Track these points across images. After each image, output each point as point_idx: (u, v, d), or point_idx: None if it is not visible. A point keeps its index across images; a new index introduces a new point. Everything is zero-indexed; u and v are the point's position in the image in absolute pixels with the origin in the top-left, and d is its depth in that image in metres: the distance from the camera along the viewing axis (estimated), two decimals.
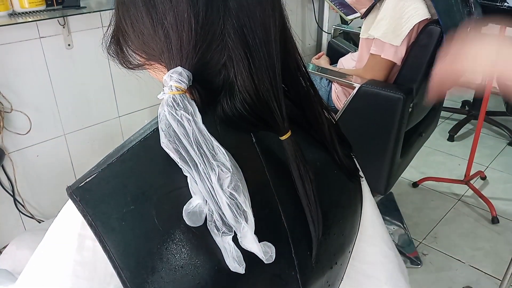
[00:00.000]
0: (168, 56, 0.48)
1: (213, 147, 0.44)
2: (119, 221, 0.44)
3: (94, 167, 0.47)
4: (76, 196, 0.44)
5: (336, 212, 0.59)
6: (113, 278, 0.45)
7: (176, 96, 0.44)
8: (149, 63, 0.52)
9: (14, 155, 1.74)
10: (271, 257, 0.48)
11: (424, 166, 2.59)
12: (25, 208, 1.82)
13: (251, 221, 0.45)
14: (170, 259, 0.45)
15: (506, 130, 2.93)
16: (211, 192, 0.44)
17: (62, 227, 0.47)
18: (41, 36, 1.69)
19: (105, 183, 0.45)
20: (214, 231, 0.45)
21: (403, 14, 1.52)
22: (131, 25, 0.50)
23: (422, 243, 2.03)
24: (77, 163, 1.95)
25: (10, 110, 1.66)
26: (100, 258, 0.44)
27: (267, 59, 0.48)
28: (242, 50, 0.46)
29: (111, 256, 0.44)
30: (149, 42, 0.49)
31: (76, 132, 1.92)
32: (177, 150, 0.44)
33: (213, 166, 0.44)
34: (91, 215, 0.44)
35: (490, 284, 1.81)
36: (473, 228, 2.13)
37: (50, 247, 0.48)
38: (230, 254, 0.45)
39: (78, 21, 1.76)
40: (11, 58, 1.63)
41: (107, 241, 0.44)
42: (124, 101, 2.04)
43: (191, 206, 0.45)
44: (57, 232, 0.48)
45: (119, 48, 0.54)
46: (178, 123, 0.44)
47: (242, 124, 0.49)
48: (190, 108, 0.45)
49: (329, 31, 2.93)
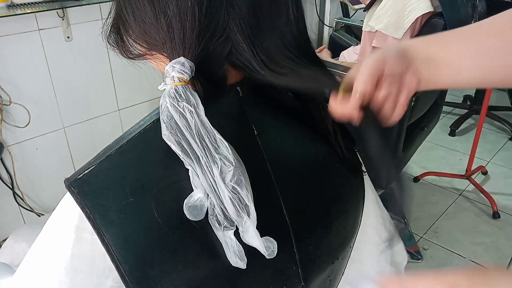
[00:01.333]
0: (170, 46, 0.46)
1: (216, 140, 0.44)
2: (118, 213, 0.43)
3: (92, 159, 0.46)
4: (74, 188, 0.44)
5: (338, 207, 0.59)
6: (112, 272, 0.44)
7: (178, 87, 0.43)
8: (150, 53, 0.51)
9: (13, 148, 1.74)
10: (273, 252, 0.47)
11: (425, 161, 2.58)
12: (24, 201, 1.81)
13: (253, 216, 0.44)
14: (170, 253, 0.45)
15: (507, 125, 2.92)
16: (213, 185, 0.43)
17: (60, 220, 0.47)
18: (40, 28, 1.68)
19: (104, 175, 0.44)
20: (216, 225, 0.44)
21: (406, 6, 1.51)
22: (132, 13, 0.49)
23: (423, 238, 2.03)
24: (77, 156, 1.94)
25: (9, 103, 1.65)
26: (98, 251, 0.44)
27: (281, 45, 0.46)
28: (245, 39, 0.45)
29: (110, 249, 0.43)
30: (151, 32, 0.48)
31: (75, 125, 1.91)
32: (179, 142, 0.43)
33: (215, 159, 0.43)
34: (89, 208, 0.43)
35: None
36: (474, 223, 2.13)
37: (48, 240, 0.47)
38: (231, 249, 0.45)
39: (78, 13, 1.74)
40: (10, 51, 1.62)
41: (106, 234, 0.43)
42: (123, 94, 2.03)
43: (192, 200, 0.44)
44: (55, 225, 0.47)
45: (119, 37, 0.53)
46: (180, 115, 0.43)
47: None
48: (193, 99, 0.44)
49: (331, 25, 2.91)
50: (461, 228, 2.10)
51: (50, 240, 0.47)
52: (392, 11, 1.53)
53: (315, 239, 0.55)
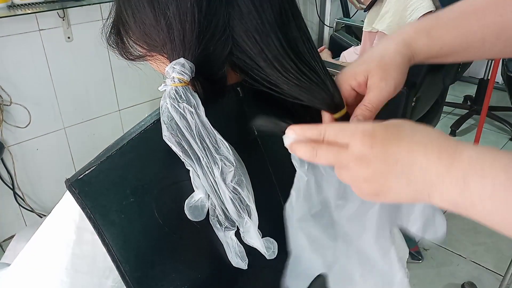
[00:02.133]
0: (170, 47, 0.46)
1: (216, 140, 0.44)
2: (119, 214, 0.43)
3: (93, 159, 0.46)
4: (75, 188, 0.44)
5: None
6: (112, 272, 0.44)
7: (178, 88, 0.43)
8: (151, 54, 0.51)
9: (14, 148, 1.74)
10: (273, 252, 0.47)
11: None
12: (24, 202, 1.81)
13: (255, 216, 0.44)
14: (171, 253, 0.45)
15: (508, 125, 2.92)
16: (214, 186, 0.43)
17: (61, 220, 0.46)
18: (40, 29, 1.68)
19: (105, 176, 0.45)
20: (217, 226, 0.44)
21: (408, 6, 1.50)
22: (132, 15, 0.49)
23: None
24: (77, 156, 1.94)
25: (10, 103, 1.65)
26: (99, 251, 0.44)
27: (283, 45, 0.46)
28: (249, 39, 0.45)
29: (110, 250, 0.43)
30: (151, 33, 0.48)
31: (76, 126, 1.91)
32: (180, 143, 0.43)
33: (216, 160, 0.43)
34: (90, 208, 0.43)
35: (491, 279, 1.81)
36: (474, 223, 2.09)
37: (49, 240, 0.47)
38: (232, 249, 0.45)
39: (78, 13, 1.74)
40: (10, 51, 1.62)
41: (106, 234, 0.43)
42: (124, 95, 2.03)
43: (193, 200, 0.44)
44: (56, 225, 0.47)
45: (119, 38, 0.53)
46: (180, 116, 0.43)
47: None
48: (193, 100, 0.44)
49: (331, 25, 2.91)
50: (462, 228, 2.09)
51: (51, 240, 0.47)
52: (394, 11, 1.53)
53: None
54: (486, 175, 0.34)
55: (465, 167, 0.35)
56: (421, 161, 0.37)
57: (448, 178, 0.36)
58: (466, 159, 0.36)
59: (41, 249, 0.47)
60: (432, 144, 0.37)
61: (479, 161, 0.35)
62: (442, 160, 0.36)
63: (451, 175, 0.36)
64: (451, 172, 0.36)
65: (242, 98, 0.51)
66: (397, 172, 0.38)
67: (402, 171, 0.38)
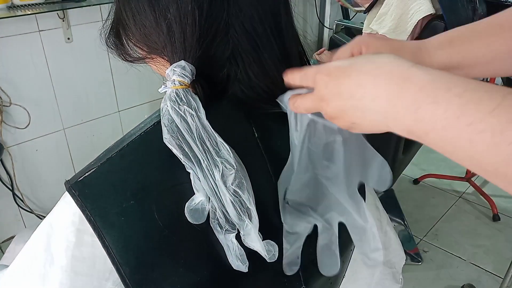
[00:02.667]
0: (171, 50, 0.46)
1: (217, 143, 0.44)
2: (119, 216, 0.43)
3: (93, 161, 0.46)
4: (75, 190, 0.43)
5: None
6: (112, 274, 0.44)
7: (179, 90, 0.43)
8: (151, 56, 0.51)
9: (13, 149, 1.73)
10: (274, 255, 0.47)
11: (425, 163, 2.58)
12: (24, 203, 1.81)
13: (255, 219, 0.44)
14: (171, 256, 0.44)
15: None
16: (214, 189, 0.43)
17: (60, 222, 0.46)
18: (40, 30, 1.68)
19: (105, 178, 0.44)
20: (217, 228, 0.44)
21: (408, 10, 1.50)
22: (132, 17, 0.49)
23: (422, 240, 2.03)
24: (77, 158, 1.94)
25: (9, 104, 1.65)
26: (99, 253, 0.44)
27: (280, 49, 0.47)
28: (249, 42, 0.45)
29: (110, 252, 0.43)
30: (151, 35, 0.48)
31: (75, 127, 1.91)
32: (180, 146, 0.43)
33: (216, 162, 0.43)
34: (90, 210, 0.43)
35: (490, 281, 1.81)
36: (474, 226, 2.13)
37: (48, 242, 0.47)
38: (233, 252, 0.45)
39: (78, 14, 1.74)
40: (10, 52, 1.62)
41: (106, 236, 0.43)
42: (124, 96, 2.03)
43: (194, 203, 0.44)
44: (55, 226, 0.47)
45: (118, 40, 0.53)
46: (181, 119, 0.43)
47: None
48: (194, 103, 0.44)
49: (331, 27, 2.91)
50: (461, 230, 2.09)
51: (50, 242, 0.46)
52: (395, 15, 1.53)
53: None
54: (439, 101, 0.31)
55: (416, 91, 0.33)
56: (370, 92, 0.36)
57: (400, 103, 0.34)
58: (419, 83, 0.33)
59: (40, 250, 0.47)
60: (381, 70, 0.36)
61: (433, 84, 0.32)
62: (391, 85, 0.34)
63: (402, 101, 0.33)
64: (401, 98, 0.34)
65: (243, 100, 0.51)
66: (353, 106, 0.38)
67: (356, 105, 0.37)
